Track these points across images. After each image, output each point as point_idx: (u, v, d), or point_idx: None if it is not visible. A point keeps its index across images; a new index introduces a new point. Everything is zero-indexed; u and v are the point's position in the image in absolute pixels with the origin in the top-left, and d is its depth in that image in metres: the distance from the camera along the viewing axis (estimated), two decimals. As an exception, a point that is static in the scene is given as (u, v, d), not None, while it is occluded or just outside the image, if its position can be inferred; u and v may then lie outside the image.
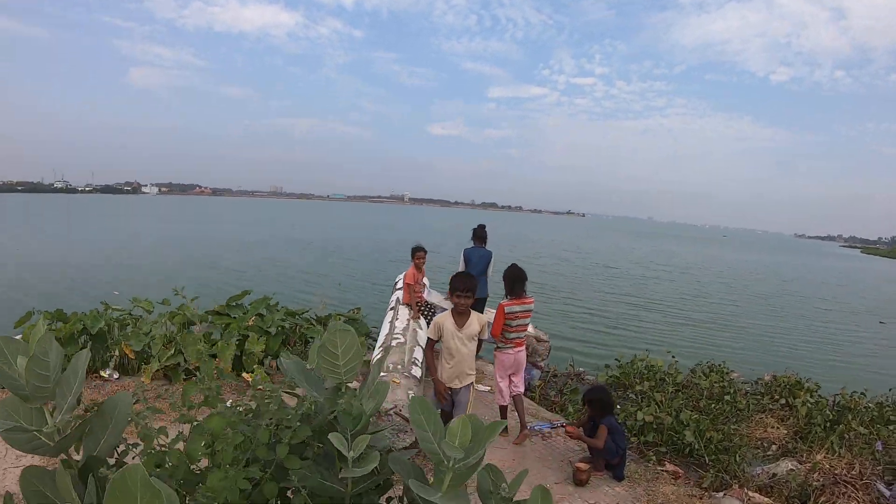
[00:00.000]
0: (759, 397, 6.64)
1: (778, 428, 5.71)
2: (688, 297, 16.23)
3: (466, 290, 3.58)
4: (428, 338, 3.84)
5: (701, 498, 3.80)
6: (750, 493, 3.98)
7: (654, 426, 5.30)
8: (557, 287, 17.29)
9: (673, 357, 7.70)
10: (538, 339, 6.94)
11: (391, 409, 4.19)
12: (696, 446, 4.96)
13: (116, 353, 5.66)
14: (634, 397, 6.34)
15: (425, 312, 6.63)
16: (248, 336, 5.77)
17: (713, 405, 6.02)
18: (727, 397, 6.31)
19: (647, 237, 59.30)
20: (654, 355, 7.75)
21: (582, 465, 4.03)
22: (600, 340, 10.29)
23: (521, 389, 4.64)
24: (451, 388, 3.83)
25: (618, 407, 6.09)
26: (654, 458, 4.77)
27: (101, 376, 5.43)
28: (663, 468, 4.51)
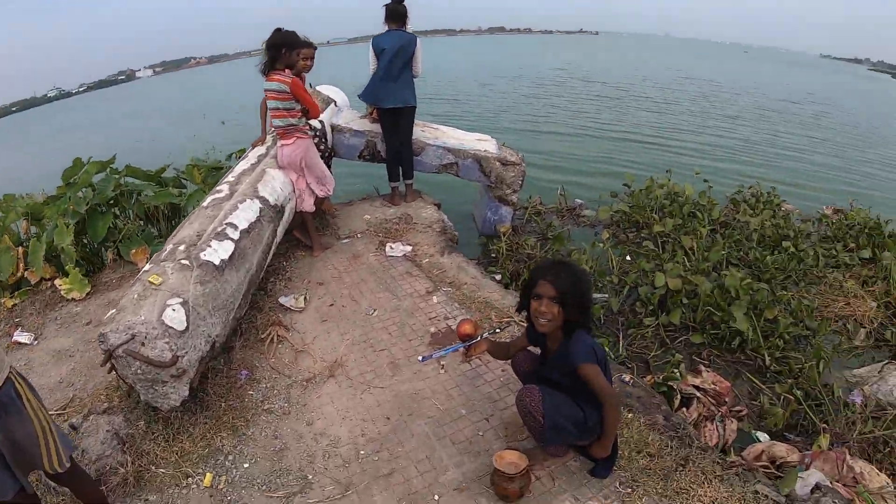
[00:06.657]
0: (828, 244, 4.55)
1: (864, 298, 3.74)
2: (707, 118, 12.92)
3: None
4: None
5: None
6: (853, 465, 2.03)
7: (683, 297, 3.27)
8: (547, 107, 13.56)
9: (706, 181, 5.41)
10: (503, 162, 4.25)
11: (120, 344, 1.89)
12: (750, 335, 2.97)
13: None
14: (653, 244, 4.20)
15: (322, 149, 3.89)
16: (57, 226, 3.74)
17: (767, 257, 3.98)
18: (786, 243, 4.25)
19: (661, 50, 51.10)
20: (677, 180, 5.49)
21: (509, 458, 1.74)
22: (600, 170, 7.55)
23: (320, 193, 3.69)
24: None
25: (627, 259, 4.01)
26: (680, 362, 2.74)
27: None
28: (695, 380, 2.53)
